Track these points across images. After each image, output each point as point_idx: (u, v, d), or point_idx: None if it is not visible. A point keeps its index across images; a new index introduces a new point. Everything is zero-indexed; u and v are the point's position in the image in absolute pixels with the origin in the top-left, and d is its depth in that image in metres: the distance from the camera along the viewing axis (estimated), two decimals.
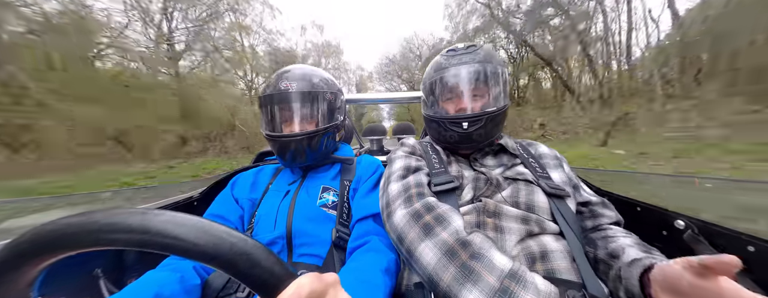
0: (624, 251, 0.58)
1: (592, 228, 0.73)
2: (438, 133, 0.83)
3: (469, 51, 0.80)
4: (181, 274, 0.64)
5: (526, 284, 0.46)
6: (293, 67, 0.90)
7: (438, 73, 0.81)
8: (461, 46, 0.83)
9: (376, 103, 1.73)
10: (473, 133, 0.76)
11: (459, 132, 0.77)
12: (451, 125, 0.77)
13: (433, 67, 0.85)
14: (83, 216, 0.25)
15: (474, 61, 0.78)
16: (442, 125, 0.79)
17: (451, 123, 0.77)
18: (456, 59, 0.80)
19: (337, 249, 0.76)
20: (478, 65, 0.77)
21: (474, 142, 0.79)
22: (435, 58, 0.87)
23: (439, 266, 0.52)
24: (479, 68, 0.77)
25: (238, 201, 0.88)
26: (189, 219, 0.26)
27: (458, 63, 0.79)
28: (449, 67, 0.79)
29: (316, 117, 0.87)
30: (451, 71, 0.79)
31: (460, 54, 0.80)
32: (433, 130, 0.86)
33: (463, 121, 0.76)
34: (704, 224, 0.67)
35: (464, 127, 0.76)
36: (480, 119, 0.75)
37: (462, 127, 0.76)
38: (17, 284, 0.26)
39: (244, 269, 0.25)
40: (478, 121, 0.75)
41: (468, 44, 0.83)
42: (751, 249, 0.58)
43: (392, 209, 0.67)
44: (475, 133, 0.76)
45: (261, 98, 0.88)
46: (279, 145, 0.85)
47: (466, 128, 0.76)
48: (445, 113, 0.80)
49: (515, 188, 0.70)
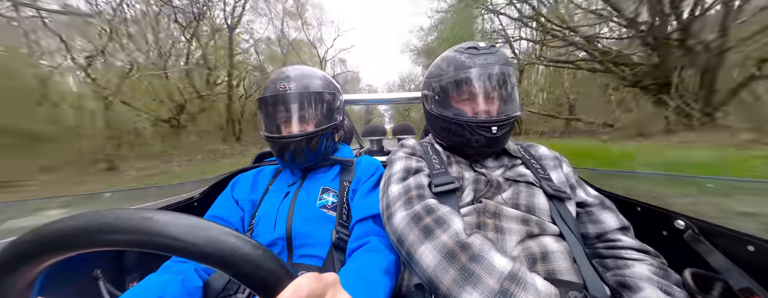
0: (639, 287, 0.54)
1: (597, 236, 0.70)
2: (457, 135, 0.77)
3: (491, 51, 0.76)
4: (182, 276, 0.64)
5: (526, 286, 0.46)
6: (292, 68, 0.90)
7: (459, 72, 0.75)
8: (483, 45, 0.78)
9: (374, 103, 1.73)
10: (500, 138, 0.74)
11: (487, 136, 0.73)
12: (479, 129, 0.73)
13: (450, 64, 0.79)
14: (84, 217, 0.25)
15: (498, 63, 0.74)
16: (469, 128, 0.74)
17: (479, 127, 0.73)
18: (481, 58, 0.75)
19: (336, 250, 0.76)
20: (503, 67, 0.74)
21: (496, 147, 0.77)
22: (450, 55, 0.81)
23: (438, 269, 0.52)
24: (505, 70, 0.74)
25: (239, 202, 0.88)
26: (188, 220, 0.26)
27: (484, 63, 0.74)
28: (474, 66, 0.74)
29: (315, 118, 0.87)
30: (475, 71, 0.74)
31: (483, 53, 0.76)
32: (449, 133, 0.80)
33: (493, 125, 0.72)
34: (705, 224, 0.67)
35: (494, 131, 0.73)
36: (507, 123, 0.74)
37: (491, 132, 0.72)
38: (17, 285, 0.26)
39: (243, 269, 0.25)
40: (507, 125, 0.74)
41: (489, 44, 0.79)
42: (751, 249, 0.58)
43: (392, 210, 0.67)
44: (501, 138, 0.74)
45: (260, 99, 0.88)
46: (278, 147, 0.85)
47: (495, 132, 0.73)
48: (466, 115, 0.76)
49: (516, 190, 0.70)
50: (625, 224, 0.70)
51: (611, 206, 0.73)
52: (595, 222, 0.71)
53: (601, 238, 0.70)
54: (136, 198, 3.68)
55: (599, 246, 0.69)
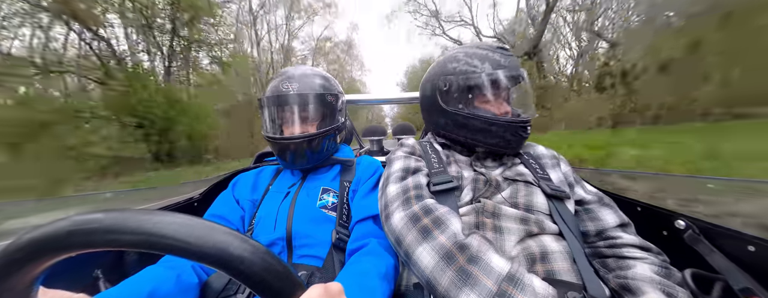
0: (641, 291, 0.53)
1: (597, 234, 0.70)
2: (494, 136, 0.74)
3: (511, 54, 0.77)
4: (178, 272, 0.64)
5: (523, 287, 0.46)
6: (294, 69, 0.90)
7: (498, 71, 0.73)
8: (505, 47, 0.79)
9: (375, 103, 1.73)
10: (525, 138, 0.75)
11: (524, 136, 0.74)
12: (519, 130, 0.73)
13: (484, 61, 0.75)
14: (85, 216, 0.25)
15: (520, 66, 0.76)
16: (508, 128, 0.73)
17: (520, 128, 0.73)
18: (512, 60, 0.75)
19: (336, 250, 0.76)
20: (523, 70, 0.76)
21: (520, 147, 0.78)
22: (478, 52, 0.77)
23: (436, 270, 0.52)
24: (525, 72, 0.76)
25: (239, 202, 0.88)
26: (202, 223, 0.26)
27: (516, 64, 0.75)
28: (509, 66, 0.74)
29: (316, 119, 0.87)
30: (513, 71, 0.74)
31: (508, 55, 0.76)
32: (479, 132, 0.76)
33: (528, 125, 0.74)
34: (705, 224, 0.67)
35: (528, 131, 0.74)
36: (530, 123, 0.75)
37: (526, 132, 0.73)
38: (17, 285, 0.26)
39: (254, 278, 0.26)
40: (530, 126, 0.75)
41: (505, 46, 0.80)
42: (751, 249, 0.58)
43: (390, 210, 0.67)
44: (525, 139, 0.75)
45: (261, 100, 0.88)
46: (279, 148, 0.85)
47: (529, 133, 0.74)
48: (490, 114, 0.75)
49: (515, 189, 0.70)
50: (625, 221, 0.70)
51: (610, 203, 0.73)
52: (595, 219, 0.71)
53: (601, 236, 0.70)
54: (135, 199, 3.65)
55: (600, 245, 0.69)
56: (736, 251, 0.60)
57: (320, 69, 0.96)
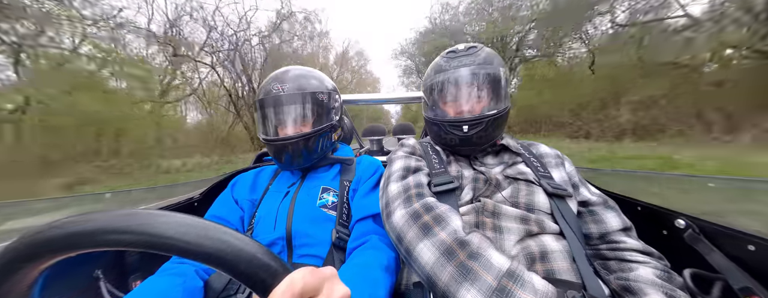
0: (644, 292, 0.53)
1: (600, 237, 0.70)
2: (438, 135, 0.83)
3: (469, 53, 0.80)
4: (183, 278, 0.64)
5: (523, 284, 0.46)
6: (286, 70, 0.91)
7: (438, 76, 0.81)
8: (462, 48, 0.82)
9: (374, 103, 1.73)
10: (473, 136, 0.76)
11: (459, 135, 0.77)
12: (451, 128, 0.77)
13: (433, 68, 0.84)
14: (82, 217, 0.25)
15: (474, 63, 0.78)
16: (443, 128, 0.79)
17: (451, 126, 0.77)
18: (456, 61, 0.79)
19: (337, 250, 0.76)
20: (477, 67, 0.77)
21: (474, 145, 0.79)
22: (435, 60, 0.86)
23: (437, 266, 0.52)
24: (477, 71, 0.77)
25: (238, 202, 0.88)
26: (182, 218, 0.26)
27: (458, 65, 0.78)
28: (449, 69, 0.79)
29: (310, 118, 0.87)
30: (450, 74, 0.79)
31: (460, 56, 0.80)
32: (433, 133, 0.85)
33: (464, 125, 0.76)
34: (705, 223, 0.67)
35: (464, 130, 0.76)
36: (480, 122, 0.75)
37: (462, 131, 0.76)
38: (17, 286, 0.26)
39: (235, 265, 0.25)
40: (479, 124, 0.75)
41: (469, 45, 0.83)
42: (751, 249, 0.58)
43: (391, 209, 0.67)
44: (475, 136, 0.76)
45: (256, 102, 0.89)
46: (275, 149, 0.85)
47: (466, 131, 0.76)
48: (446, 116, 0.80)
49: (515, 188, 0.70)
50: (628, 225, 0.70)
51: (614, 206, 0.73)
52: (598, 222, 0.71)
53: (604, 238, 0.70)
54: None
55: (602, 247, 0.69)
56: (736, 251, 0.60)
57: (312, 69, 0.96)
